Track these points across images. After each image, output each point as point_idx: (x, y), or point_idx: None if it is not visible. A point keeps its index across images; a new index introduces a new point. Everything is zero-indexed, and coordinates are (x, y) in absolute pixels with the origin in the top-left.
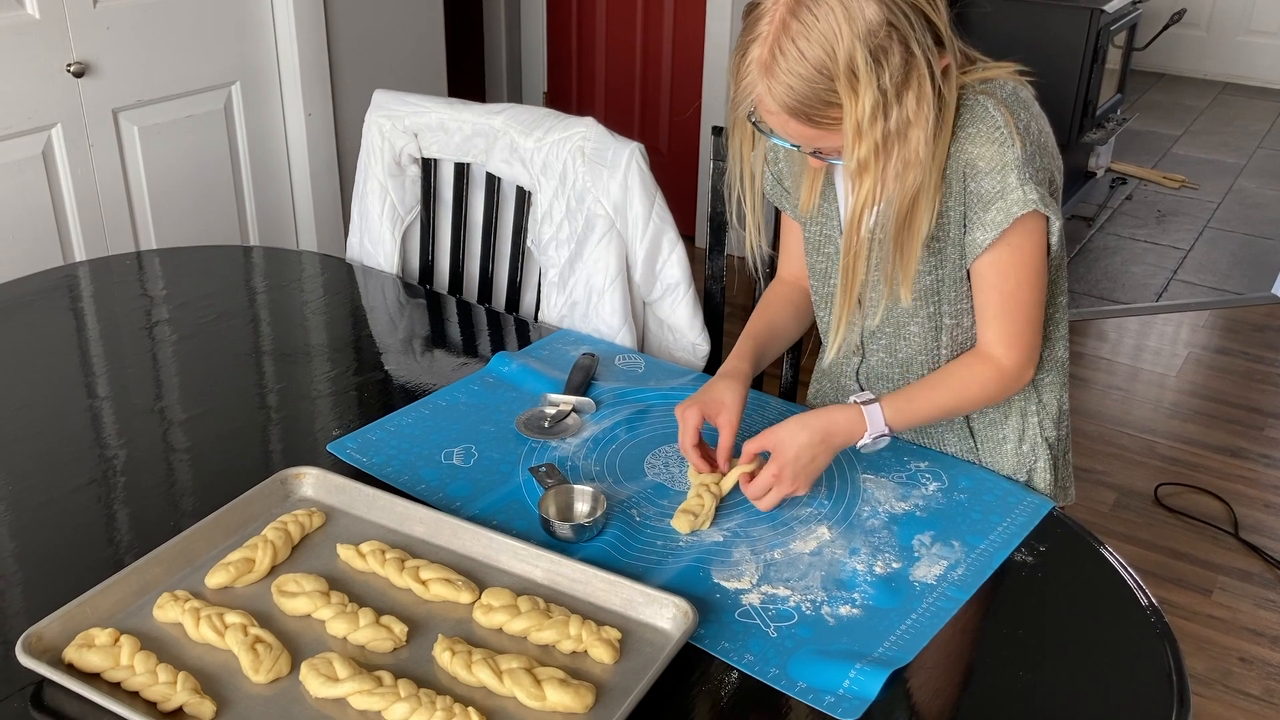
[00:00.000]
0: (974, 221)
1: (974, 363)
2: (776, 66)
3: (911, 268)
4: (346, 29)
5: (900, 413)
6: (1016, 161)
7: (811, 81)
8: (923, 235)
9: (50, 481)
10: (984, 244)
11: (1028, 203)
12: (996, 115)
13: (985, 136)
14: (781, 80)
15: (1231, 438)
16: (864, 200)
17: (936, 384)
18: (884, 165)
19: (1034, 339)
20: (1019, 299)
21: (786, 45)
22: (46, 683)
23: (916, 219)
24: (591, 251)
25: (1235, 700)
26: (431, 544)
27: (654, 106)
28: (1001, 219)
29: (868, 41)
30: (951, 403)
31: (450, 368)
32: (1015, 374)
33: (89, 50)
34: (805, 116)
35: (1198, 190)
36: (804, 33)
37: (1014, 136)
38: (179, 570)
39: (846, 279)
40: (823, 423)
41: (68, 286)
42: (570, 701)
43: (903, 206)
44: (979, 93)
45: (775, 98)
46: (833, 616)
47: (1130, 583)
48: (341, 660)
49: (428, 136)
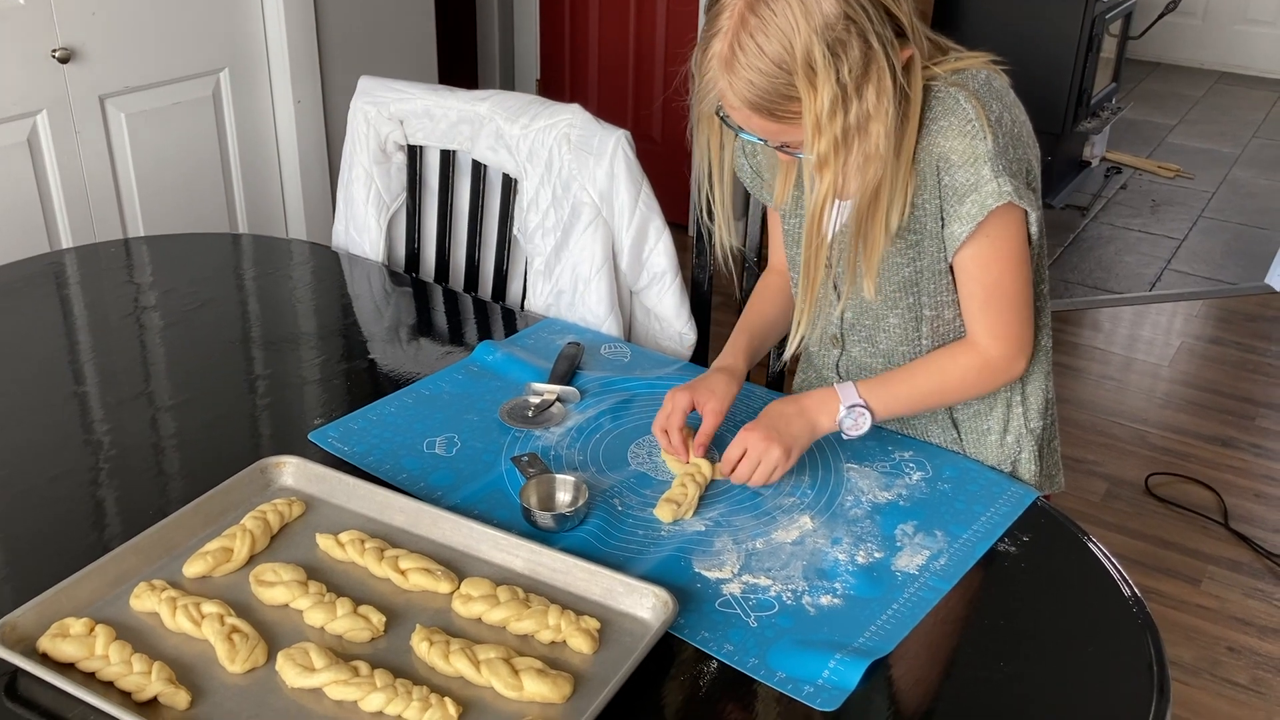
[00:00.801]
0: (950, 215)
1: (958, 351)
2: (736, 62)
3: (875, 261)
4: (336, 16)
5: (874, 391)
6: (989, 154)
7: (771, 76)
8: (891, 228)
9: (33, 469)
10: (961, 237)
11: (1002, 195)
12: (968, 108)
13: (957, 130)
14: (742, 76)
15: (1223, 428)
16: (824, 194)
17: (916, 369)
18: (844, 159)
19: (1022, 330)
20: (1002, 290)
21: (745, 40)
22: (20, 673)
23: (879, 212)
24: (577, 240)
25: (1223, 689)
26: (412, 534)
27: (647, 94)
28: (976, 211)
29: (824, 36)
30: (930, 387)
31: (435, 356)
32: (1003, 365)
33: (75, 36)
34: (767, 111)
35: (1192, 180)
36: (761, 28)
37: (985, 129)
38: (157, 559)
39: (808, 273)
40: (798, 397)
41: (54, 273)
42: (548, 692)
43: (864, 200)
44: (951, 84)
45: (737, 93)
46: (813, 606)
47: (1113, 573)
48: (318, 650)
49: (413, 123)
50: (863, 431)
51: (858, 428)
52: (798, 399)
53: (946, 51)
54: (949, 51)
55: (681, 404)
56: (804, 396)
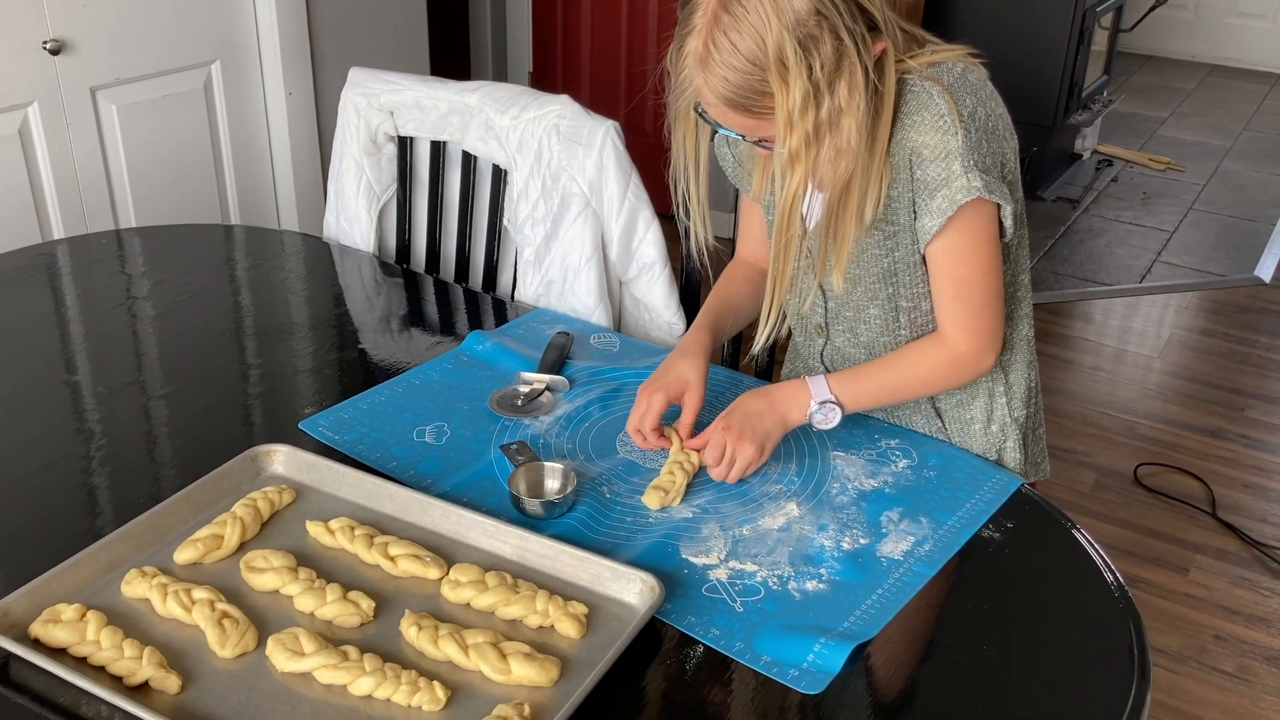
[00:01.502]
0: (921, 208)
1: (928, 345)
2: (711, 59)
3: (844, 254)
4: (327, 7)
5: (845, 385)
6: (960, 149)
7: (745, 73)
8: (865, 220)
9: (25, 458)
10: (932, 230)
11: (971, 190)
12: (940, 103)
13: (929, 124)
14: (716, 73)
15: (1212, 418)
16: (795, 189)
17: (888, 363)
18: (816, 154)
19: (991, 324)
20: (973, 284)
21: (719, 38)
22: (13, 658)
23: (850, 205)
24: (567, 230)
25: (1209, 677)
26: (401, 521)
27: (639, 86)
28: (946, 206)
29: (796, 32)
30: (900, 381)
31: (425, 346)
32: (972, 360)
33: (66, 28)
34: (743, 108)
35: (1183, 172)
36: (735, 25)
37: (957, 124)
38: (148, 546)
39: (777, 265)
40: (770, 390)
41: (45, 264)
42: (535, 675)
43: (834, 194)
44: (925, 78)
45: (713, 90)
46: (799, 591)
47: (1096, 559)
48: (308, 635)
49: (403, 114)
50: (832, 425)
51: (827, 421)
52: (769, 393)
53: (923, 44)
54: (925, 44)
55: (657, 405)
56: (775, 390)
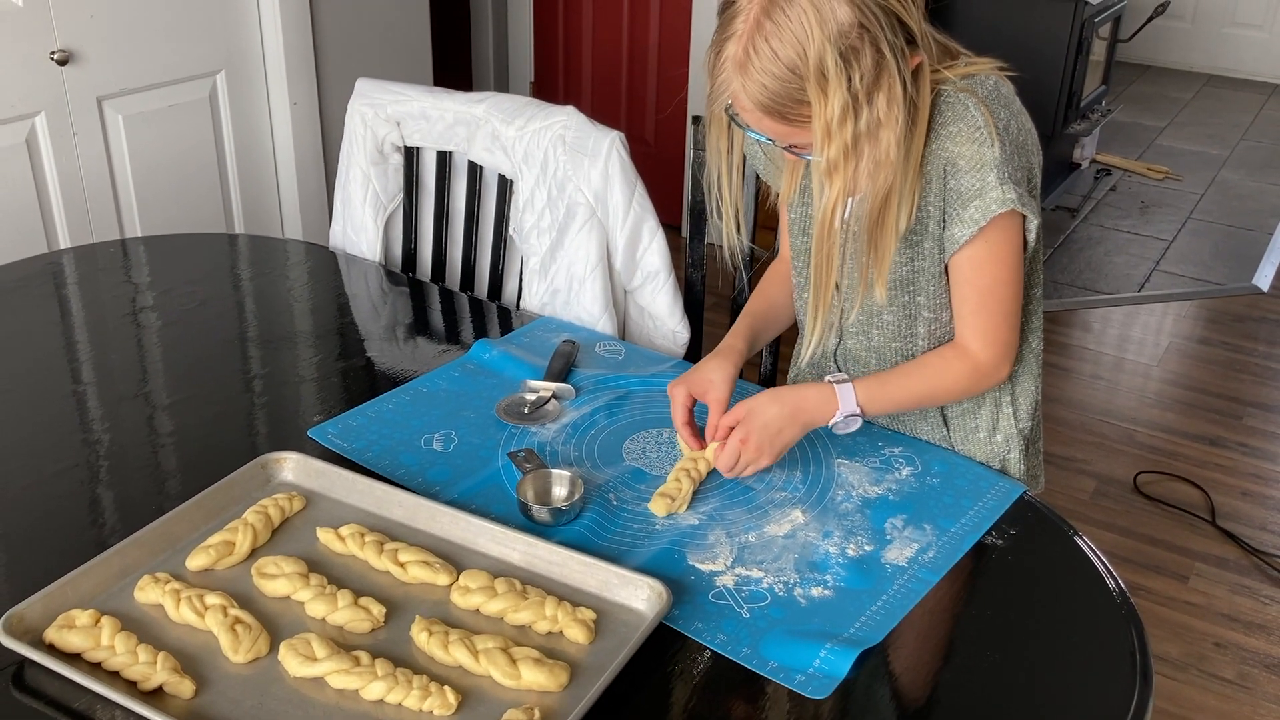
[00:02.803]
0: (952, 218)
1: (950, 354)
2: (750, 65)
3: (886, 264)
4: (331, 18)
5: (873, 396)
6: (995, 161)
7: (784, 81)
8: (900, 231)
9: (33, 465)
10: (962, 240)
11: (1006, 201)
12: (977, 114)
13: (965, 135)
14: (755, 79)
15: (1210, 426)
16: (834, 200)
17: (911, 371)
18: (854, 165)
19: (1010, 336)
20: (995, 295)
21: (760, 44)
22: (28, 663)
23: (889, 217)
24: (572, 240)
25: (1209, 685)
26: (410, 527)
27: (640, 97)
28: (979, 216)
29: (838, 43)
30: (924, 390)
31: (432, 354)
32: (990, 369)
33: (73, 38)
34: (779, 114)
35: (1181, 182)
36: (776, 32)
37: (993, 136)
38: (160, 553)
39: (819, 276)
40: (794, 398)
41: (52, 274)
42: (545, 680)
43: (875, 205)
44: (960, 90)
45: (749, 95)
46: (805, 598)
47: (1099, 566)
48: (320, 640)
49: (410, 125)
50: (851, 431)
51: (848, 428)
52: (794, 398)
53: (956, 56)
54: (959, 56)
55: (680, 399)
56: (799, 397)
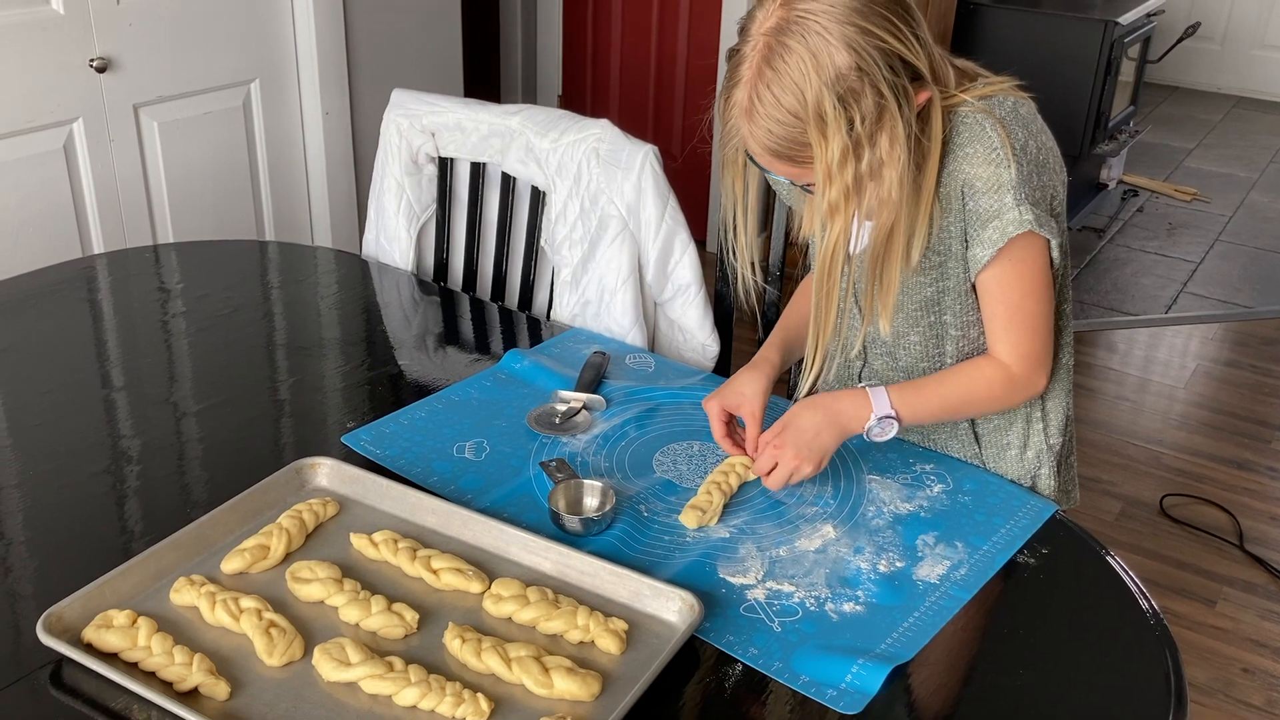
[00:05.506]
0: (973, 238)
1: (984, 364)
2: (755, 111)
3: (891, 297)
4: (365, 29)
5: (906, 399)
6: (1012, 182)
7: (788, 125)
8: (912, 262)
9: (68, 467)
10: (983, 260)
11: (1023, 223)
12: (993, 135)
13: (982, 157)
14: (761, 125)
15: (1238, 450)
16: (835, 241)
17: (944, 379)
18: (857, 206)
19: (1043, 350)
20: (1025, 309)
21: (763, 91)
22: (66, 661)
23: (893, 252)
24: (604, 252)
25: (1237, 710)
26: (443, 534)
27: (668, 111)
28: (998, 237)
29: (835, 88)
30: (957, 399)
31: (463, 364)
32: (1024, 380)
33: (112, 46)
34: (787, 158)
35: (1209, 203)
36: (776, 79)
37: (1010, 157)
38: (196, 555)
39: (819, 312)
40: (829, 402)
41: (86, 279)
42: (577, 690)
43: (878, 242)
44: (978, 110)
45: (757, 140)
46: (836, 613)
47: (1131, 587)
48: (354, 645)
49: (445, 136)
50: (887, 438)
51: (884, 434)
52: (830, 404)
53: (974, 78)
54: (976, 78)
55: (715, 413)
56: (833, 401)
